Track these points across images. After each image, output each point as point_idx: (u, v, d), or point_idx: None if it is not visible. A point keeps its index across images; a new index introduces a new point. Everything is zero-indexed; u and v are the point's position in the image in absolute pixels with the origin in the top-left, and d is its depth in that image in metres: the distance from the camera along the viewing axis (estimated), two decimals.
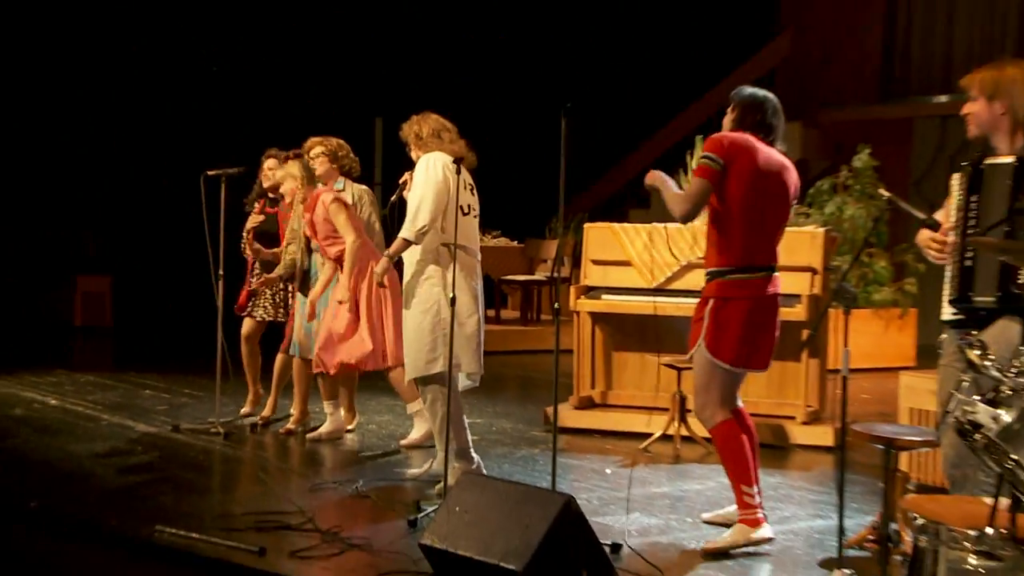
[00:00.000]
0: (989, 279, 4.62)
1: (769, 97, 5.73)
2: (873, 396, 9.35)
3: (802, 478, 7.21)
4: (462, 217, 6.50)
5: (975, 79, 4.83)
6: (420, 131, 6.63)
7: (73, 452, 7.65)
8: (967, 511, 4.03)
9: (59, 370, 11.20)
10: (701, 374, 5.57)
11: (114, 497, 6.54)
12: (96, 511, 6.17)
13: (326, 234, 7.57)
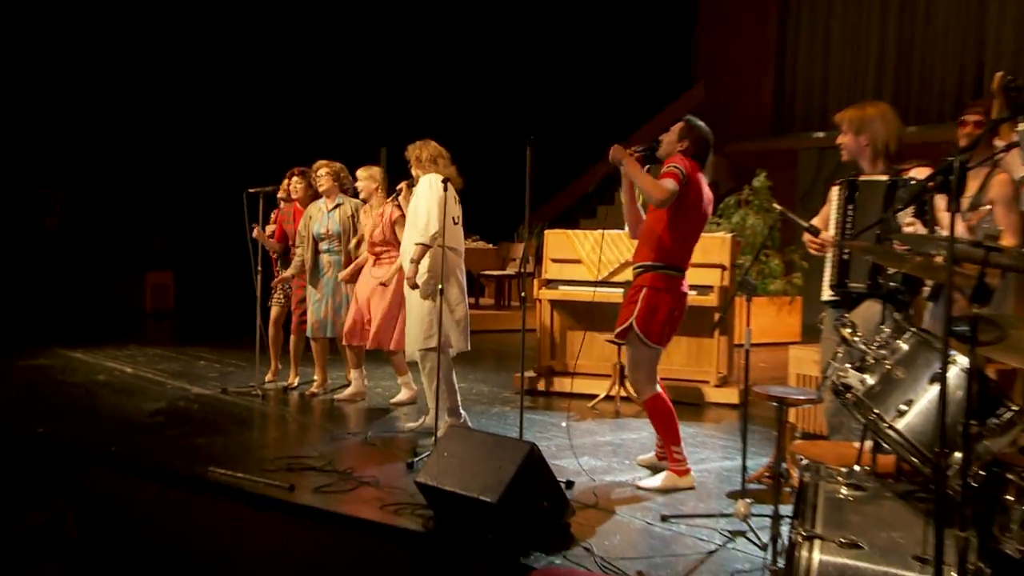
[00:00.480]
0: (861, 270, 4.66)
1: (710, 135, 5.63)
2: (769, 365, 9.38)
3: (714, 429, 7.22)
4: (452, 226, 6.51)
5: (845, 117, 4.88)
6: (420, 155, 6.62)
7: (144, 409, 7.64)
8: (840, 453, 4.06)
9: (133, 345, 11.19)
10: (633, 352, 5.52)
11: (175, 444, 6.51)
12: (161, 455, 6.16)
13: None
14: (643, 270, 5.49)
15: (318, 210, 7.94)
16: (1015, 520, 2.95)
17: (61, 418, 7.15)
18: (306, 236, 7.93)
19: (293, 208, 8.28)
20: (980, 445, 3.01)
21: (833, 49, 14.49)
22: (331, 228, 7.82)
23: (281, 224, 8.35)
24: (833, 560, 2.97)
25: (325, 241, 7.86)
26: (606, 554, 4.49)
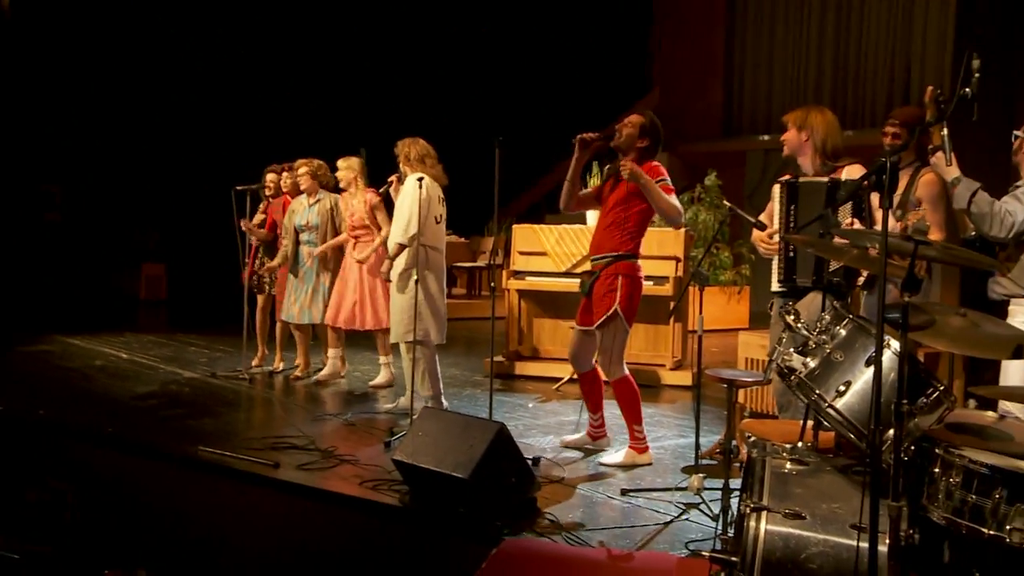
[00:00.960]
0: (807, 266, 4.69)
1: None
2: (720, 350, 9.42)
3: (670, 409, 7.25)
4: (435, 225, 6.46)
5: (791, 116, 4.92)
6: (410, 152, 6.53)
7: (138, 392, 7.58)
8: (785, 430, 4.07)
9: (128, 332, 11.09)
10: (611, 337, 5.44)
11: (168, 425, 6.47)
12: (154, 435, 6.13)
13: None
14: (613, 260, 5.45)
15: (300, 204, 7.94)
16: (941, 491, 2.98)
17: (60, 401, 7.07)
18: (289, 228, 7.94)
19: (283, 200, 8.26)
20: (911, 422, 3.03)
21: (776, 58, 14.56)
22: (311, 221, 7.81)
23: (272, 215, 8.31)
24: (778, 530, 2.99)
25: (305, 233, 7.86)
26: (570, 526, 4.50)
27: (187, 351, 9.76)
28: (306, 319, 7.84)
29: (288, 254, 7.91)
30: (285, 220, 8.01)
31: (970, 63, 3.14)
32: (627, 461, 5.54)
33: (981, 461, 2.91)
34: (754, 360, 6.81)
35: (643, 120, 5.56)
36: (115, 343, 10.13)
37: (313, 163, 7.92)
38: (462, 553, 4.30)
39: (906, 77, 13.00)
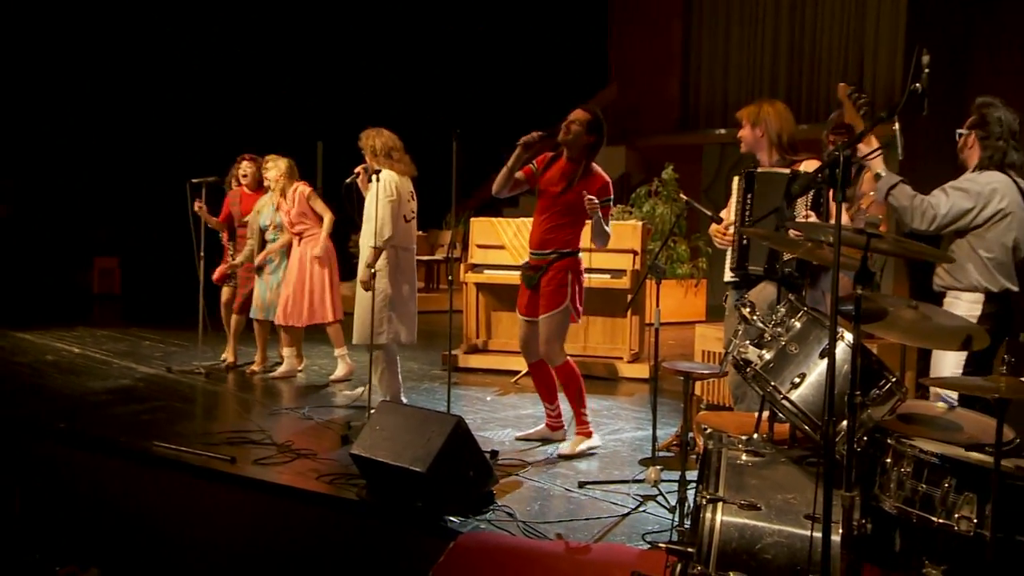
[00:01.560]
0: (760, 254, 4.72)
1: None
2: (677, 342, 9.47)
3: (627, 401, 7.28)
4: (405, 224, 6.39)
5: (744, 112, 4.96)
6: (375, 145, 6.39)
7: (91, 387, 7.49)
8: (740, 422, 4.11)
9: (80, 326, 10.93)
10: (557, 328, 5.53)
11: (122, 420, 6.40)
12: (108, 431, 6.05)
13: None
14: (560, 256, 5.52)
15: (265, 204, 7.86)
16: (893, 481, 3.02)
17: (9, 396, 6.97)
18: (255, 227, 7.87)
19: (240, 192, 8.16)
20: (864, 414, 3.07)
21: (732, 53, 14.65)
22: (275, 220, 7.74)
23: (228, 205, 8.22)
24: (734, 520, 3.01)
25: (270, 231, 7.78)
26: (528, 519, 4.51)
27: (142, 346, 9.64)
28: (268, 315, 7.79)
29: (252, 253, 7.86)
30: (250, 219, 7.91)
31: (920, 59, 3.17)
32: (579, 447, 5.59)
33: (931, 451, 2.96)
34: (711, 352, 6.86)
35: (589, 117, 5.57)
36: (67, 338, 9.99)
37: (280, 160, 7.81)
38: (420, 547, 4.29)
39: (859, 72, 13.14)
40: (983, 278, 4.22)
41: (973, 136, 4.31)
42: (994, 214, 4.18)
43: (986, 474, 2.82)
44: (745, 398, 4.78)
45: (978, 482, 2.86)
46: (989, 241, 4.19)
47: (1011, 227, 4.19)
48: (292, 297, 7.49)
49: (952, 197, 4.22)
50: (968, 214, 4.19)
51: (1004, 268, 4.22)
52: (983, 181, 4.23)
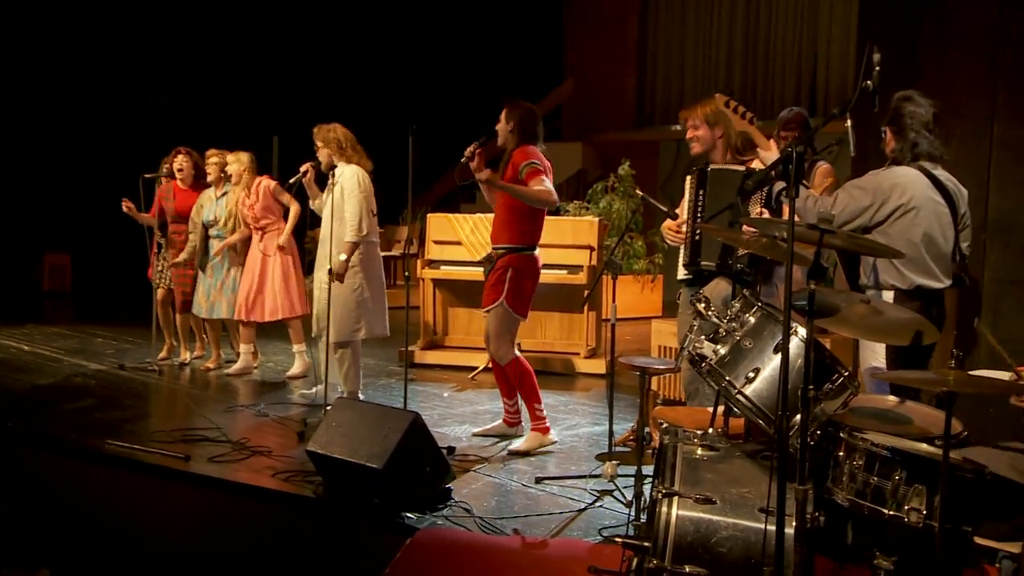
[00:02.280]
0: (713, 250, 4.74)
1: (534, 109, 5.66)
2: (633, 338, 9.52)
3: (584, 396, 7.30)
4: (372, 218, 6.37)
5: (697, 112, 4.93)
6: (339, 139, 6.34)
7: (41, 385, 7.37)
8: (696, 417, 4.14)
9: (30, 324, 10.74)
10: (499, 325, 5.52)
11: (73, 418, 6.31)
12: (59, 429, 5.97)
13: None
14: (507, 251, 5.53)
15: (208, 198, 7.75)
16: (845, 473, 3.06)
17: None
18: (197, 223, 7.73)
19: (173, 186, 7.97)
20: (817, 408, 3.10)
21: (688, 50, 14.73)
22: (218, 214, 7.62)
23: (160, 200, 8.04)
24: (689, 515, 3.04)
25: (214, 227, 7.67)
26: (485, 514, 4.51)
27: (93, 343, 9.50)
28: (215, 313, 7.69)
29: (196, 249, 7.73)
30: (193, 214, 7.77)
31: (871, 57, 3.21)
32: (534, 445, 5.60)
33: (883, 444, 3.00)
34: (667, 348, 6.90)
35: (513, 115, 5.55)
36: (16, 335, 9.81)
37: (224, 154, 7.74)
38: (377, 544, 4.28)
39: (812, 70, 13.29)
40: (889, 276, 4.18)
41: (890, 132, 4.32)
42: (895, 210, 4.14)
43: (935, 466, 2.86)
44: (699, 394, 4.81)
45: (927, 474, 2.90)
46: (893, 237, 4.13)
47: (917, 221, 4.13)
48: (254, 293, 7.40)
49: (850, 195, 4.20)
50: (867, 211, 4.16)
51: (915, 264, 4.15)
52: (884, 177, 4.21)
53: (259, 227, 7.43)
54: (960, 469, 2.94)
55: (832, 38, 13.08)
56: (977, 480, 2.97)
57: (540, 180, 5.37)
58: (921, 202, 4.14)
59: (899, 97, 4.31)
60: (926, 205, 4.15)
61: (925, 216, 4.15)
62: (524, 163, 5.40)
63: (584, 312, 8.19)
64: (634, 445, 5.35)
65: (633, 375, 5.16)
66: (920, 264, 4.16)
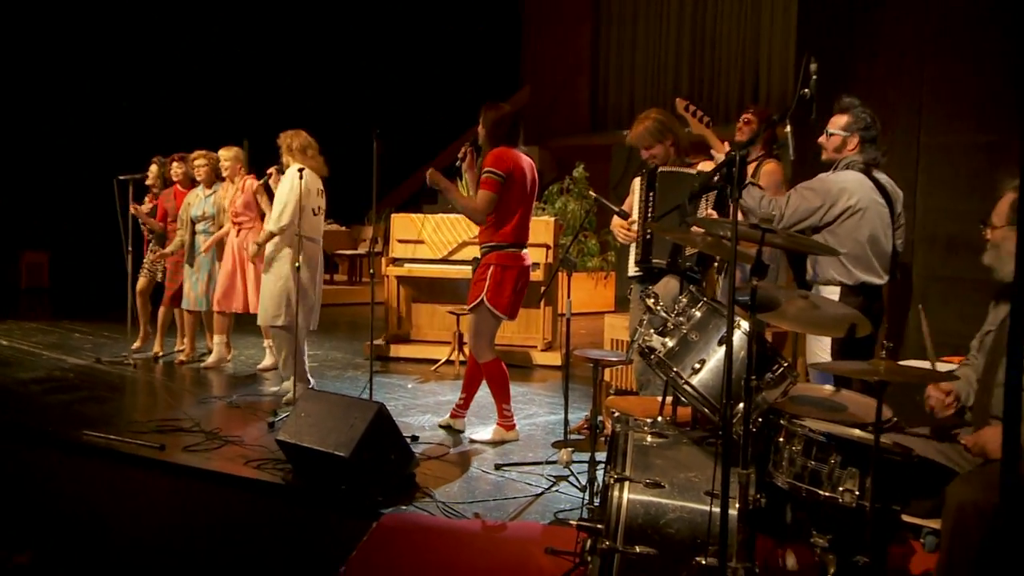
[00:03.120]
0: (663, 248, 4.77)
1: (508, 109, 5.55)
2: (587, 331, 9.57)
3: (541, 387, 7.33)
4: (313, 216, 6.35)
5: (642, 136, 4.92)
6: (292, 143, 6.37)
7: (20, 379, 7.27)
8: (646, 406, 4.16)
9: (9, 320, 10.61)
10: (479, 323, 5.44)
11: (52, 410, 6.24)
12: (37, 420, 5.90)
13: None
14: (488, 250, 5.45)
15: (196, 196, 7.76)
16: (785, 458, 3.10)
17: None
18: (185, 219, 7.74)
19: (173, 190, 8.08)
20: (759, 396, 3.14)
21: (639, 59, 14.82)
22: (207, 211, 7.64)
23: (161, 203, 8.10)
24: (639, 498, 3.06)
25: (202, 223, 7.67)
26: (447, 499, 4.52)
27: (71, 338, 9.38)
28: (202, 306, 7.69)
29: (184, 243, 7.72)
30: (181, 211, 7.82)
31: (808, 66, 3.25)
32: (496, 438, 5.58)
33: (819, 430, 3.04)
34: (619, 341, 6.94)
35: (485, 118, 5.47)
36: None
37: (212, 155, 7.72)
38: (344, 528, 4.27)
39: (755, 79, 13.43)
40: (837, 272, 4.24)
41: (857, 138, 4.34)
42: (843, 211, 4.19)
43: (867, 450, 2.91)
44: (650, 384, 4.84)
45: (860, 458, 2.94)
46: (841, 237, 4.20)
47: (863, 222, 4.20)
48: (228, 284, 7.37)
49: (801, 196, 4.24)
50: (817, 212, 4.21)
51: (861, 262, 4.23)
52: (833, 180, 4.25)
53: (237, 222, 7.40)
54: (889, 452, 2.99)
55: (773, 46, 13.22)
56: (905, 462, 3.02)
57: (483, 193, 5.28)
58: (866, 204, 4.21)
59: (851, 103, 4.35)
60: (871, 207, 4.22)
61: (870, 217, 4.21)
62: (485, 169, 5.33)
63: (541, 307, 8.23)
64: (588, 433, 5.38)
65: (587, 367, 5.19)
66: (865, 262, 4.23)
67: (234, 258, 7.38)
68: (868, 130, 4.29)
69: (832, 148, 4.36)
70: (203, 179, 7.71)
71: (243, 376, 7.51)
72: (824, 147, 4.41)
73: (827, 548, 3.04)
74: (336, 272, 14.85)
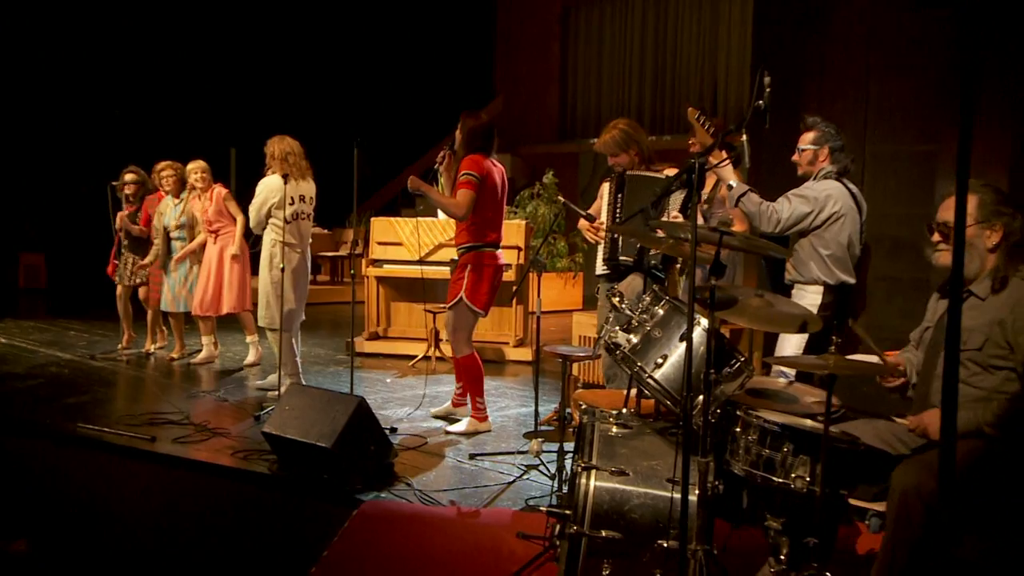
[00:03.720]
0: (629, 247, 4.80)
1: (486, 119, 5.55)
2: (556, 328, 9.56)
3: (513, 381, 7.33)
4: (299, 221, 6.31)
5: (608, 145, 4.96)
6: (273, 151, 6.31)
7: (18, 374, 7.19)
8: (612, 398, 4.19)
9: (8, 319, 10.48)
10: (458, 319, 5.45)
11: (48, 403, 6.18)
12: (34, 414, 5.85)
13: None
14: (464, 251, 5.46)
15: (166, 205, 7.71)
16: (741, 447, 3.12)
17: None
18: (159, 227, 7.69)
19: (158, 196, 7.97)
20: (717, 389, 3.16)
21: (604, 71, 14.83)
22: (179, 220, 7.58)
23: (147, 210, 7.98)
24: (605, 485, 3.08)
25: (176, 231, 7.62)
26: (424, 487, 4.52)
27: (67, 335, 9.27)
28: (181, 307, 7.65)
29: (160, 252, 7.69)
30: (155, 220, 7.76)
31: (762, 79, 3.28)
32: (469, 429, 5.59)
33: (773, 420, 3.07)
34: (586, 337, 6.96)
35: (463, 125, 5.48)
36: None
37: (176, 164, 7.68)
38: (327, 515, 4.26)
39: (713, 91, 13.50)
40: (822, 273, 4.37)
41: (826, 149, 4.43)
42: (829, 216, 4.33)
43: (817, 439, 2.94)
44: (616, 378, 4.86)
45: (810, 446, 2.98)
46: (827, 240, 4.35)
47: (845, 227, 4.35)
48: (210, 290, 7.33)
49: (794, 203, 4.36)
50: (807, 217, 4.34)
51: (841, 263, 4.37)
52: (819, 188, 4.38)
53: (212, 230, 7.37)
54: (838, 441, 3.03)
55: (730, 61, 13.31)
56: (852, 450, 3.06)
57: (463, 192, 5.29)
58: (846, 211, 4.35)
59: (817, 121, 4.44)
60: (849, 213, 4.36)
61: (849, 223, 4.36)
62: (463, 172, 5.34)
63: (513, 306, 8.23)
64: (557, 424, 5.39)
65: (557, 362, 5.21)
66: (844, 264, 4.38)
67: (210, 265, 7.35)
68: (835, 140, 4.41)
69: (806, 162, 4.47)
70: (170, 189, 7.67)
71: (229, 371, 7.46)
72: (799, 163, 4.51)
73: (780, 531, 3.07)
74: (319, 273, 14.78)
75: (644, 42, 14.36)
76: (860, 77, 5.51)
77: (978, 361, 3.07)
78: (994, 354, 3.04)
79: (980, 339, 3.06)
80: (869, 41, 5.50)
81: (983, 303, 3.11)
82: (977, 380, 3.08)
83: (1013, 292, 3.06)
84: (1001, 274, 3.10)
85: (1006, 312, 3.04)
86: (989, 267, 3.16)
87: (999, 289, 3.08)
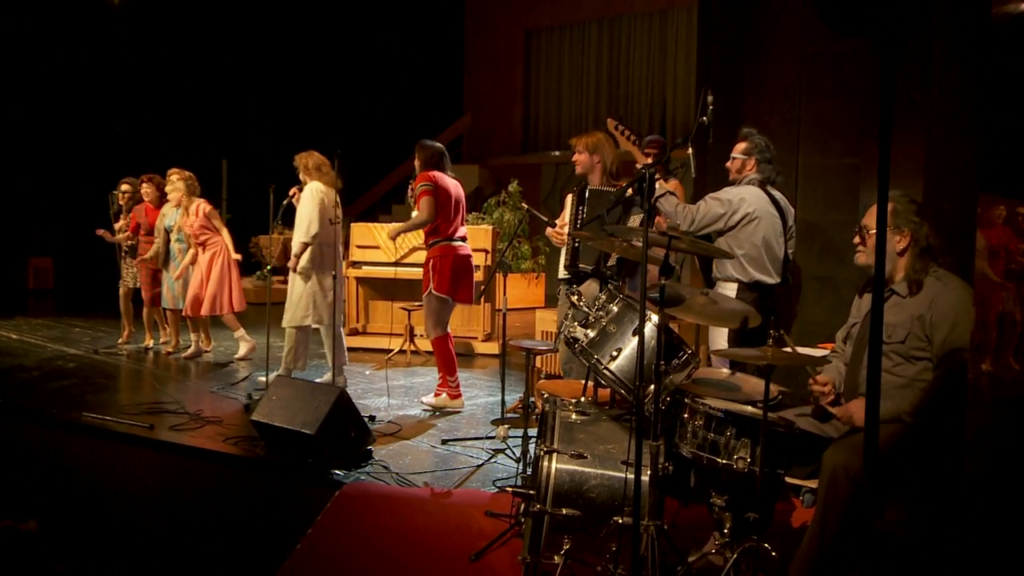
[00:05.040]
0: (590, 256, 4.80)
1: (439, 147, 5.78)
2: (521, 324, 9.58)
3: (481, 373, 7.31)
4: (331, 226, 6.22)
5: (581, 141, 4.98)
6: (308, 163, 6.24)
7: (27, 367, 7.10)
8: (571, 388, 4.18)
9: (18, 317, 10.33)
10: (428, 308, 5.62)
11: (54, 394, 6.09)
12: (42, 403, 5.77)
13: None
14: (428, 247, 5.68)
15: (169, 210, 7.63)
16: (689, 431, 3.13)
17: None
18: (160, 229, 7.63)
19: (144, 207, 7.92)
20: (667, 379, 3.17)
21: (564, 91, 14.86)
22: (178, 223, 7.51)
23: (135, 218, 7.90)
24: (565, 467, 3.07)
25: (175, 233, 7.53)
26: (400, 470, 4.49)
27: (72, 332, 9.14)
28: (180, 304, 7.59)
29: (159, 251, 7.62)
30: (157, 223, 7.69)
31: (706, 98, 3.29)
32: (441, 403, 5.68)
33: (717, 407, 3.08)
34: (548, 332, 6.95)
35: (418, 154, 5.71)
36: (6, 326, 9.39)
37: (184, 173, 7.57)
38: (310, 496, 4.22)
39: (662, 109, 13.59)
40: (735, 271, 4.31)
41: (753, 160, 4.42)
42: (742, 218, 4.26)
43: (757, 424, 2.95)
44: (572, 371, 4.86)
45: (751, 430, 2.99)
46: (741, 240, 4.27)
47: (759, 229, 4.26)
48: (194, 295, 7.33)
49: (709, 204, 4.32)
50: (721, 218, 4.28)
51: (756, 262, 4.29)
52: (734, 192, 4.33)
53: (199, 242, 7.35)
54: (776, 425, 3.04)
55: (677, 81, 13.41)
56: (788, 434, 3.08)
57: (423, 200, 5.53)
58: (761, 214, 4.28)
59: (751, 132, 4.44)
60: (765, 217, 4.29)
61: (765, 225, 4.28)
62: (419, 184, 5.58)
63: (481, 304, 8.21)
64: (522, 412, 5.39)
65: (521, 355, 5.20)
66: (759, 263, 4.30)
67: (201, 271, 7.31)
68: (763, 153, 4.39)
69: (735, 169, 4.45)
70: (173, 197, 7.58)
71: (222, 364, 7.38)
72: (730, 169, 4.49)
73: (724, 507, 3.08)
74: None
75: (599, 64, 14.41)
76: (793, 96, 5.57)
77: (900, 353, 3.10)
78: (915, 346, 3.07)
79: (903, 333, 3.09)
80: (801, 64, 5.55)
81: (904, 300, 3.14)
82: (899, 370, 3.11)
83: (929, 290, 3.10)
84: (916, 276, 3.14)
85: (925, 308, 3.07)
86: (901, 268, 3.19)
87: (916, 291, 3.12)
